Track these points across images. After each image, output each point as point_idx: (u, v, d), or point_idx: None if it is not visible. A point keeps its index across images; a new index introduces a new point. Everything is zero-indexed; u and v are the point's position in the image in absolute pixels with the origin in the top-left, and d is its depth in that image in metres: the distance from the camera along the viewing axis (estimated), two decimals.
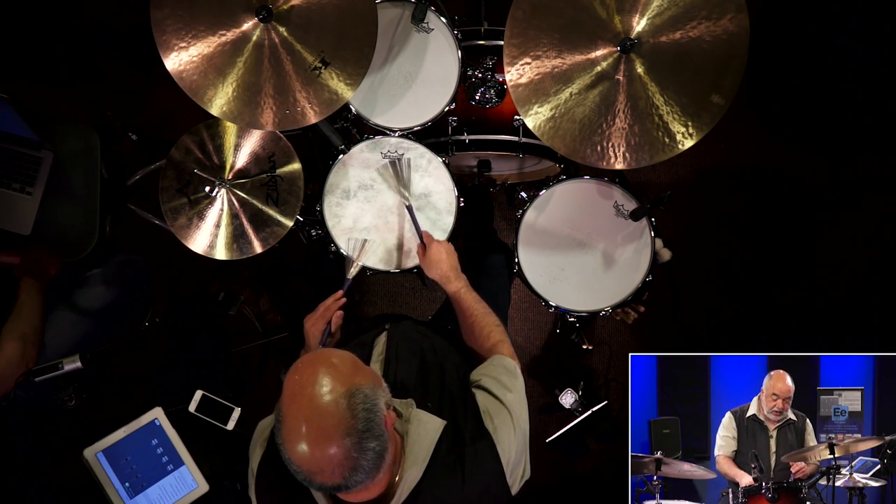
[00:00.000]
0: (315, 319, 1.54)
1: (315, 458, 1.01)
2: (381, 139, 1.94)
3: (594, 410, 2.48)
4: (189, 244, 1.93)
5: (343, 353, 1.13)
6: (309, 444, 1.01)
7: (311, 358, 1.10)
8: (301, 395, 1.04)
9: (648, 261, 1.92)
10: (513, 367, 1.38)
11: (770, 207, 2.73)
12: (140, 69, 2.77)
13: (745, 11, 1.53)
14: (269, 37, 1.64)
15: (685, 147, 1.62)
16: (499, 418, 1.24)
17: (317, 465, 1.02)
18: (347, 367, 1.09)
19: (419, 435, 1.17)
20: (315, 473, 1.03)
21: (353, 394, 1.03)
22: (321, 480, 1.03)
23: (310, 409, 1.02)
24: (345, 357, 1.11)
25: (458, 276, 1.63)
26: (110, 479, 1.62)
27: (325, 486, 1.04)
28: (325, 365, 1.07)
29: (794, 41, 2.78)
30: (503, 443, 1.21)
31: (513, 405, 1.28)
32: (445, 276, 1.63)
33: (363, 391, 1.05)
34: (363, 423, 1.02)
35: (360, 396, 1.04)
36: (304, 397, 1.03)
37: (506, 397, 1.29)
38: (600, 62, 1.61)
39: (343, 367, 1.08)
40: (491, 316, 1.53)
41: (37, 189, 1.99)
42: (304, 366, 1.08)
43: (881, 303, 2.65)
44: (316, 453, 1.01)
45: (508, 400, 1.28)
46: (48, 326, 1.85)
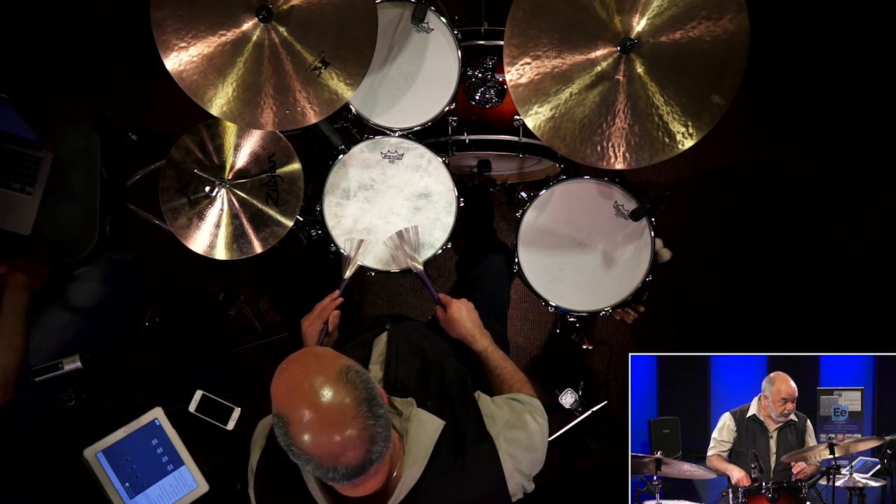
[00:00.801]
0: (312, 320, 1.55)
1: (340, 440, 1.01)
2: (381, 139, 1.94)
3: (594, 410, 2.48)
4: (189, 244, 1.93)
5: (321, 347, 1.19)
6: (328, 429, 1.01)
7: (292, 357, 1.11)
8: (299, 387, 1.04)
9: (648, 261, 1.92)
10: (542, 410, 1.38)
11: (770, 207, 2.73)
12: (140, 69, 2.77)
13: (745, 11, 1.53)
14: (269, 37, 1.64)
15: (685, 147, 1.62)
16: (511, 432, 1.25)
17: (340, 447, 1.02)
18: (330, 354, 1.11)
19: (419, 434, 1.17)
20: (339, 456, 1.02)
21: (346, 371, 1.05)
22: (346, 462, 1.02)
23: (313, 397, 1.02)
24: (326, 349, 1.16)
25: (483, 333, 1.55)
26: (110, 479, 1.62)
27: (352, 466, 1.03)
28: (309, 357, 1.10)
29: (794, 41, 2.78)
30: (506, 449, 1.21)
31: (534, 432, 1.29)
32: (470, 334, 1.55)
33: (353, 368, 1.07)
34: (367, 392, 1.05)
35: (353, 372, 1.06)
36: (302, 388, 1.04)
37: (530, 421, 1.30)
38: (600, 62, 1.61)
39: (327, 355, 1.11)
40: (519, 373, 1.51)
41: (37, 189, 1.99)
42: (289, 364, 1.09)
43: (881, 303, 2.65)
44: (339, 434, 1.01)
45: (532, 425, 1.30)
46: (39, 326, 1.83)
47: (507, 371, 1.50)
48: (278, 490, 1.21)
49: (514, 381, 1.48)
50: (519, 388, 1.46)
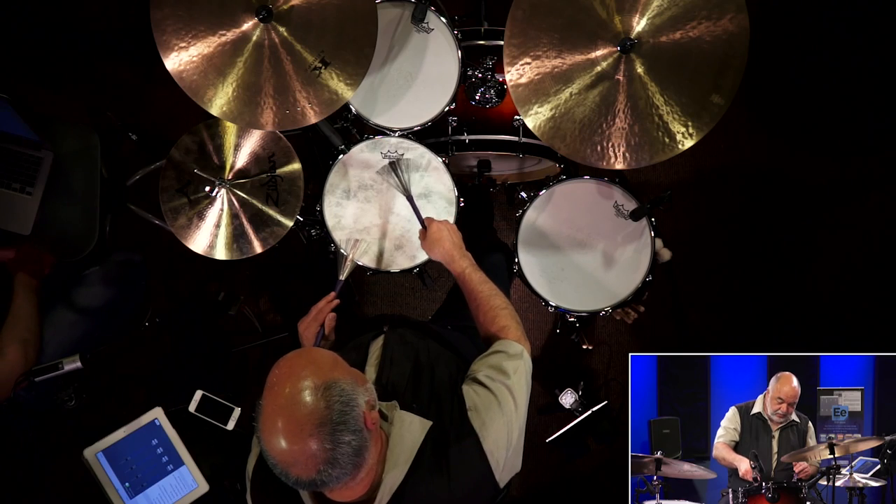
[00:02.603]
0: (308, 322, 1.53)
1: (289, 449, 1.02)
2: (381, 139, 1.93)
3: (594, 410, 2.48)
4: (189, 244, 1.93)
5: (325, 351, 1.15)
6: (283, 434, 1.02)
7: (291, 354, 1.11)
8: (278, 386, 1.05)
9: (648, 261, 1.92)
10: (517, 351, 1.35)
11: (770, 207, 2.73)
12: (140, 69, 2.77)
13: (745, 11, 1.53)
14: (269, 37, 1.64)
15: (685, 147, 1.62)
16: (488, 413, 1.22)
17: (291, 457, 1.02)
18: (327, 362, 1.10)
19: (401, 437, 1.17)
20: (290, 465, 1.03)
21: (329, 386, 1.04)
22: (297, 474, 1.03)
23: (284, 400, 1.03)
24: (325, 354, 1.13)
25: (462, 254, 1.55)
26: (110, 479, 1.62)
27: (302, 480, 1.03)
28: (303, 359, 1.09)
29: (794, 41, 2.78)
30: (489, 440, 1.20)
31: (504, 393, 1.25)
32: (449, 254, 1.55)
33: (340, 385, 1.05)
34: (338, 416, 1.03)
35: (336, 389, 1.04)
36: (280, 388, 1.04)
37: (499, 386, 1.26)
38: (600, 62, 1.61)
39: (322, 362, 1.09)
40: (498, 297, 1.47)
41: (37, 189, 1.99)
42: (284, 361, 1.09)
43: (881, 303, 2.65)
44: (289, 444, 1.02)
45: (502, 388, 1.26)
46: (47, 326, 1.85)
47: (485, 293, 1.46)
48: (272, 493, 1.20)
49: (493, 305, 1.44)
50: (496, 315, 1.42)
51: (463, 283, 1.51)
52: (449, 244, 1.57)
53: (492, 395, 1.25)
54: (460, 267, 1.52)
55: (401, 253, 1.95)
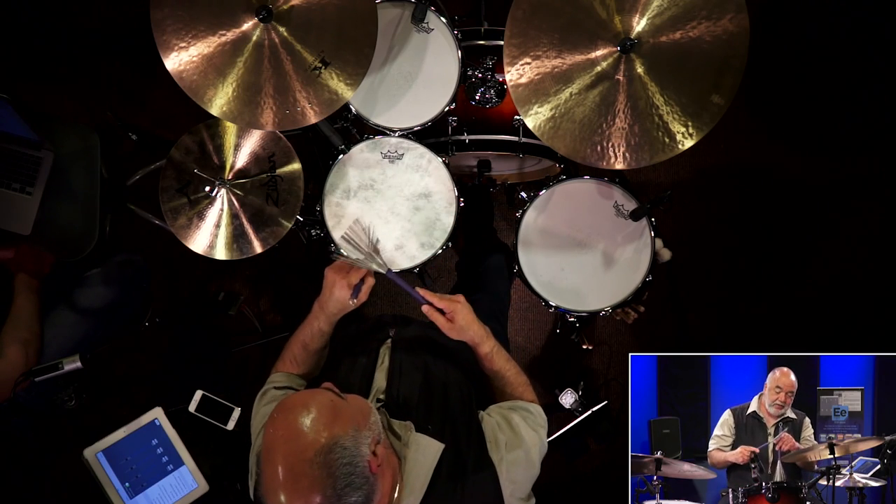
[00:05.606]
0: (344, 273, 1.36)
1: None
2: (381, 139, 1.94)
3: (594, 410, 2.48)
4: (189, 244, 1.93)
5: (322, 399, 1.08)
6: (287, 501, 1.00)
7: (287, 407, 1.07)
8: (276, 452, 1.02)
9: (648, 261, 1.92)
10: (544, 423, 1.36)
11: (770, 207, 2.73)
12: (140, 69, 2.77)
13: (745, 11, 1.53)
14: (269, 37, 1.64)
15: (685, 147, 1.62)
16: (512, 453, 1.23)
17: None
18: (326, 415, 1.05)
19: (417, 462, 1.15)
20: None
21: (330, 449, 1.01)
22: None
23: (285, 468, 1.00)
24: (323, 403, 1.07)
25: (488, 334, 1.44)
26: (110, 479, 1.62)
27: None
28: (301, 416, 1.04)
29: (794, 41, 2.78)
30: (508, 476, 1.20)
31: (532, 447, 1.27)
32: (479, 336, 1.42)
33: (342, 443, 1.02)
34: (343, 480, 1.00)
35: (338, 451, 1.01)
36: (279, 455, 1.01)
37: (528, 435, 1.28)
38: (600, 62, 1.61)
39: (321, 417, 1.04)
40: (521, 374, 1.46)
41: (37, 189, 1.99)
42: (280, 416, 1.05)
43: (881, 303, 2.66)
44: None
45: (530, 438, 1.28)
46: (48, 326, 1.85)
47: (511, 373, 1.44)
48: None
49: (517, 384, 1.44)
50: (521, 393, 1.42)
51: (489, 363, 1.43)
52: (477, 326, 1.44)
53: (518, 439, 1.26)
54: (488, 347, 1.43)
55: (401, 253, 1.95)
